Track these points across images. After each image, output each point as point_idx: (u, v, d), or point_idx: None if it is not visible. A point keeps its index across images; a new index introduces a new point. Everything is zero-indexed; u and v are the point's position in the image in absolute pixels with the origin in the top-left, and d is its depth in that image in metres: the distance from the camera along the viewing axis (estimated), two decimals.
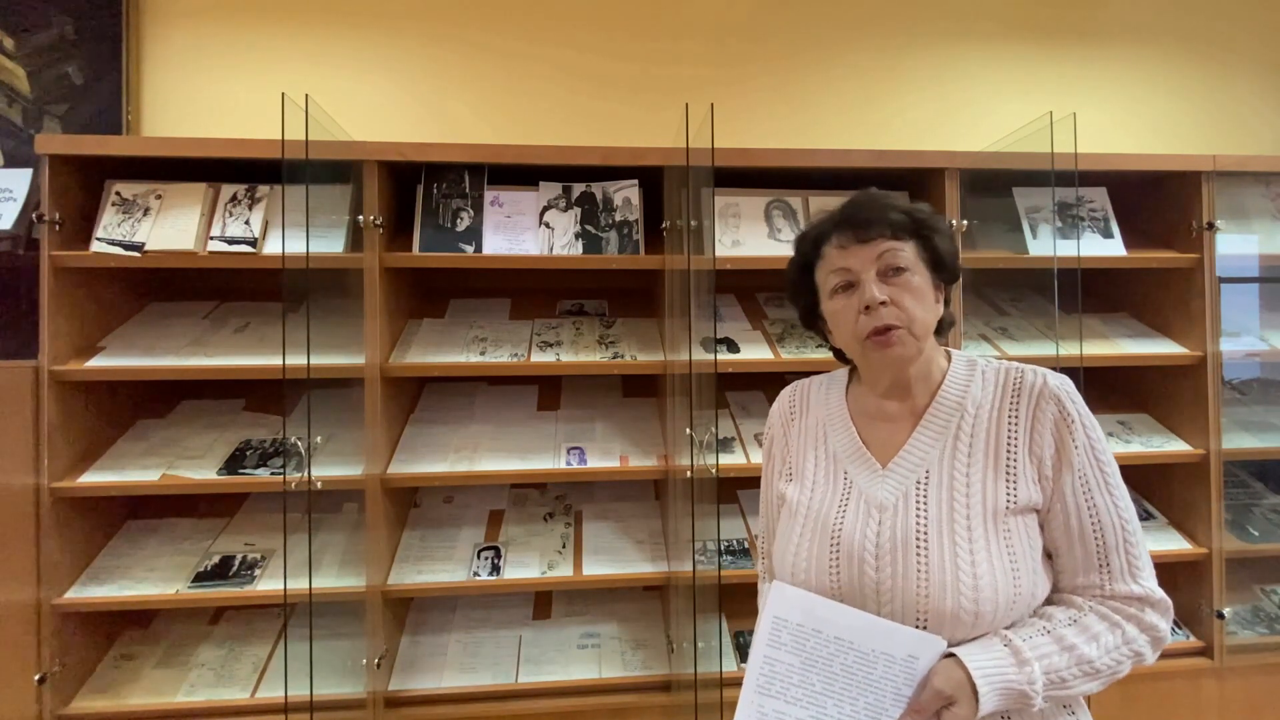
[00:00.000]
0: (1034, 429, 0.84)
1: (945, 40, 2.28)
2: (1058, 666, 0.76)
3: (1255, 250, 1.96)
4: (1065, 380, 0.86)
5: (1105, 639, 0.78)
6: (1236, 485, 2.06)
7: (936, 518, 0.81)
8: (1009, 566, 0.79)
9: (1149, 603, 0.80)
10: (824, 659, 0.78)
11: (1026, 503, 0.82)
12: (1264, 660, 1.86)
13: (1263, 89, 2.40)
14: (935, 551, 0.79)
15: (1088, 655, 0.77)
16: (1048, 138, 1.59)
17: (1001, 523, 0.81)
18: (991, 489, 0.82)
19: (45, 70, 1.92)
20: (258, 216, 1.68)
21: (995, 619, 0.78)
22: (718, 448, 1.75)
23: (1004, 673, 0.74)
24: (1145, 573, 0.81)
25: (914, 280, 0.85)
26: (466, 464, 1.72)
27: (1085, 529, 0.82)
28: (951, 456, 0.85)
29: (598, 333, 1.90)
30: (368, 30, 2.07)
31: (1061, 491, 0.82)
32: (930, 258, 0.88)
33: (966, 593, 0.77)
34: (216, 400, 1.89)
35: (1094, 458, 0.83)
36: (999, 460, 0.83)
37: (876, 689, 0.75)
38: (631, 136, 2.12)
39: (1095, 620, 0.80)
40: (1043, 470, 0.83)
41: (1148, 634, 0.80)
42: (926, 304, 0.86)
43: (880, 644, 0.76)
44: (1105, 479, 0.83)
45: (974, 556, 0.78)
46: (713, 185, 1.51)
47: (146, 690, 1.61)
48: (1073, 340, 1.78)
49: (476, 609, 1.85)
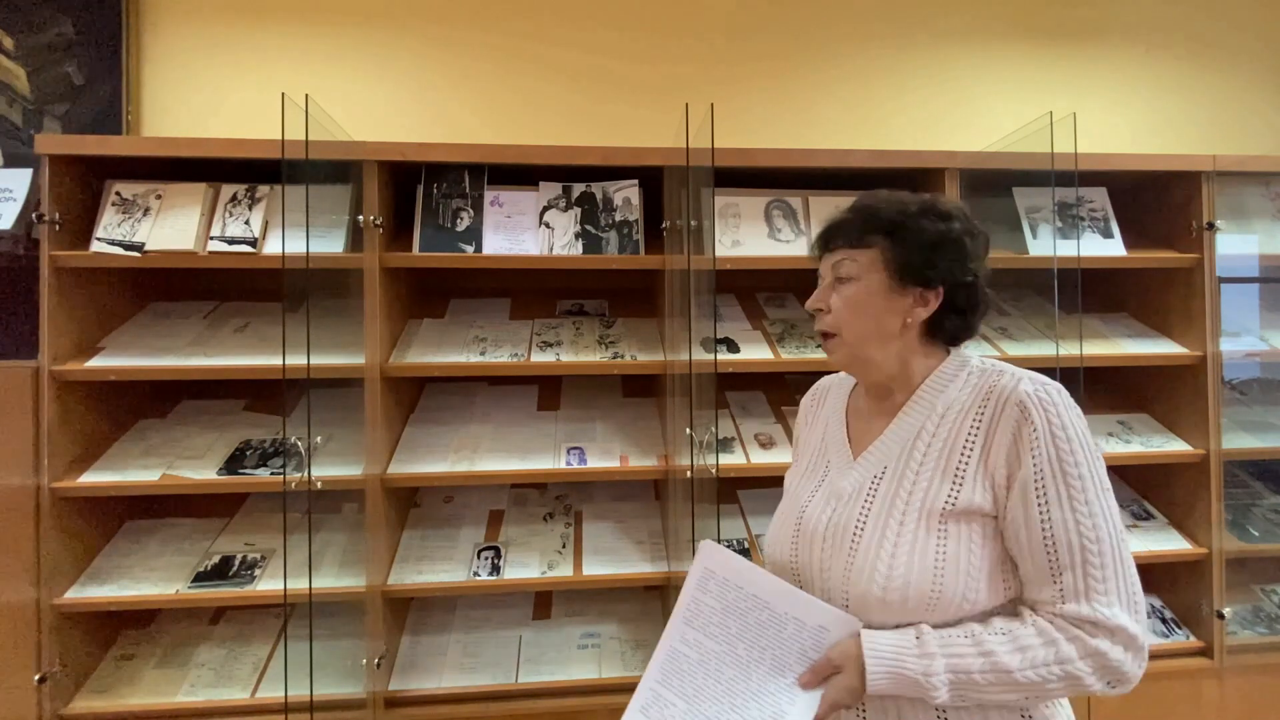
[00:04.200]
0: (994, 434, 0.82)
1: (945, 40, 2.28)
2: (968, 668, 0.77)
3: (1255, 250, 1.96)
4: (1047, 387, 0.82)
5: (1035, 654, 0.76)
6: (1236, 485, 2.06)
7: (878, 510, 0.85)
8: (931, 565, 0.80)
9: (1102, 628, 0.75)
10: (741, 610, 0.87)
11: (968, 506, 0.82)
12: (1264, 660, 1.86)
13: (1263, 89, 2.40)
14: (865, 541, 0.84)
15: (1006, 664, 0.76)
16: (1048, 138, 1.59)
17: (938, 523, 0.82)
18: (935, 489, 0.84)
19: (45, 70, 1.92)
20: (258, 216, 1.68)
21: (909, 612, 0.81)
22: (718, 448, 1.75)
23: (900, 657, 0.78)
24: (1106, 597, 0.76)
25: (856, 289, 0.89)
26: (466, 464, 1.72)
27: (1036, 542, 0.79)
28: (909, 454, 0.87)
29: (598, 333, 1.90)
30: (368, 30, 2.08)
31: (1014, 500, 0.80)
32: (893, 261, 0.88)
33: (880, 581, 0.81)
34: (216, 400, 1.89)
35: (1058, 469, 0.79)
36: (950, 462, 0.84)
37: (784, 646, 0.83)
38: (631, 136, 2.12)
39: (1031, 634, 0.77)
40: (996, 477, 0.82)
41: (1091, 659, 0.75)
42: (867, 312, 0.89)
43: (795, 610, 0.84)
44: (1069, 493, 0.78)
45: (896, 550, 0.82)
46: (713, 185, 1.51)
47: (146, 690, 1.61)
48: (1073, 340, 1.78)
49: (476, 609, 1.85)
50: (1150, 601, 1.99)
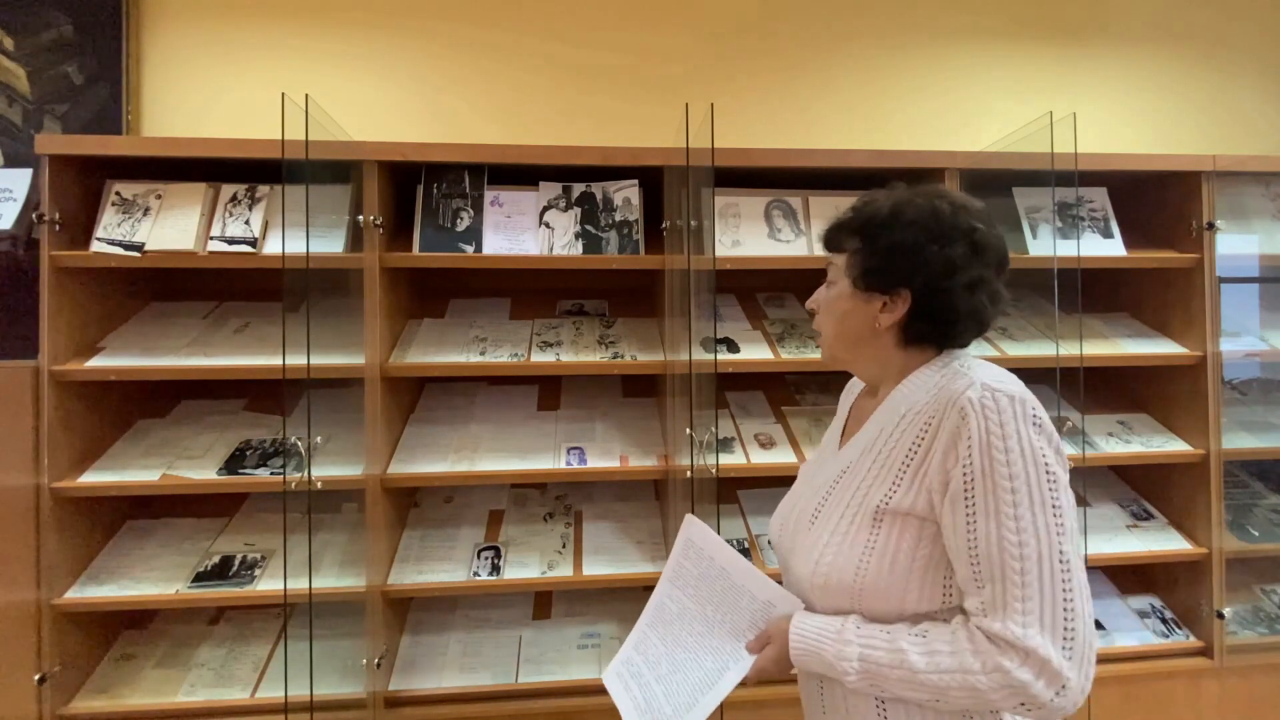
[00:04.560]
0: (936, 438, 0.82)
1: (945, 40, 2.28)
2: (879, 660, 0.80)
3: (1255, 250, 1.96)
4: (996, 394, 0.79)
5: (942, 659, 0.77)
6: (1236, 485, 2.06)
7: (833, 502, 0.91)
8: (857, 559, 0.85)
9: (1014, 648, 0.73)
10: (711, 578, 1.01)
11: (900, 507, 0.83)
12: (1264, 660, 1.86)
13: (1263, 89, 2.40)
14: (814, 529, 0.91)
15: (913, 664, 0.78)
16: (1048, 138, 1.59)
17: (873, 520, 0.85)
18: (875, 488, 0.86)
19: (45, 70, 1.92)
20: (258, 216, 1.68)
21: (835, 598, 0.87)
22: (718, 448, 1.75)
23: (820, 639, 0.85)
24: (1024, 617, 0.74)
25: (828, 292, 0.96)
26: (466, 464, 1.72)
27: (963, 551, 0.78)
28: (868, 452, 0.90)
29: (598, 333, 1.90)
30: (368, 30, 2.08)
31: (946, 508, 0.80)
32: (854, 267, 0.91)
33: (810, 566, 0.89)
34: (216, 400, 1.89)
35: (989, 480, 0.76)
36: (893, 463, 0.86)
37: (739, 614, 0.97)
38: (631, 136, 2.12)
39: (945, 639, 0.78)
40: (933, 482, 0.81)
41: (995, 675, 0.74)
42: (837, 316, 0.94)
43: (750, 585, 0.97)
44: (998, 506, 0.76)
45: (830, 540, 0.88)
46: (713, 185, 1.51)
47: (146, 690, 1.61)
48: (1073, 340, 1.78)
49: (476, 609, 1.85)
50: (1150, 601, 1.99)
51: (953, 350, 0.91)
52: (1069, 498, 0.78)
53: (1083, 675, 0.74)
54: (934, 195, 0.89)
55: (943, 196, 0.89)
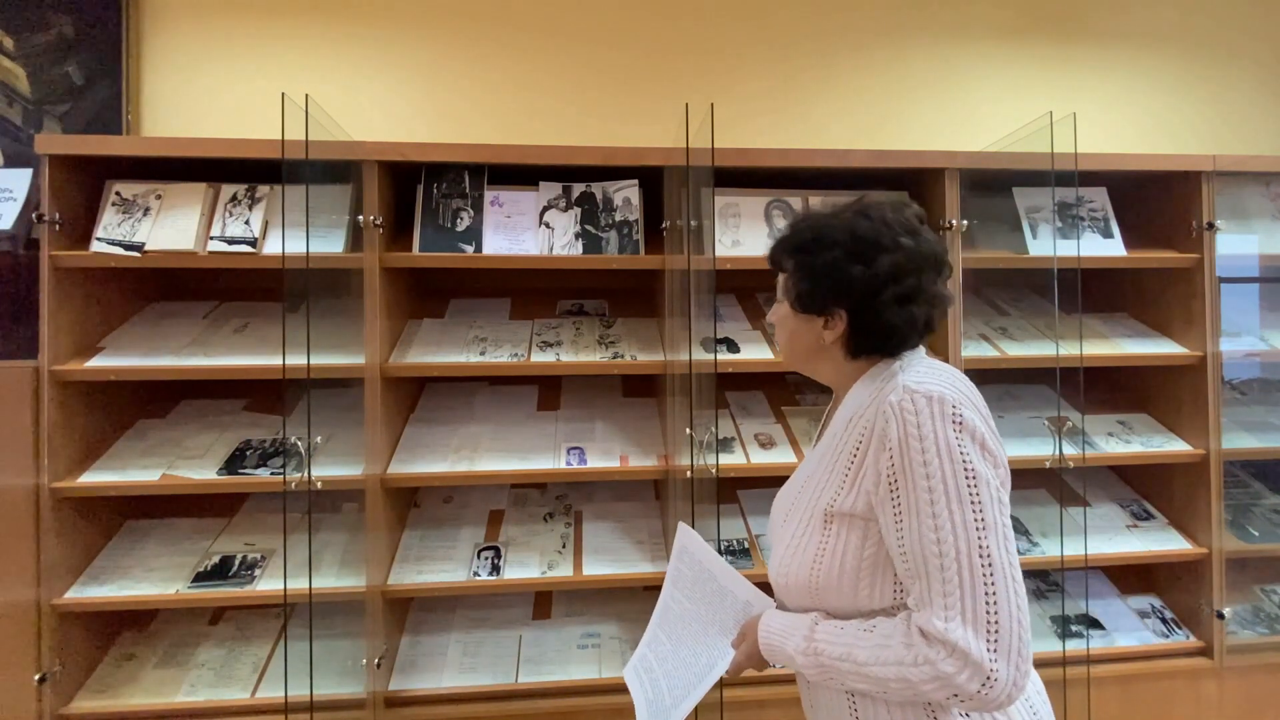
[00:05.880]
0: (869, 441, 0.85)
1: (945, 40, 2.28)
2: (831, 654, 0.84)
3: (1255, 250, 1.96)
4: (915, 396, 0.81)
5: (882, 652, 0.80)
6: (1236, 485, 2.06)
7: (797, 505, 0.95)
8: (810, 559, 0.89)
9: (939, 640, 0.76)
10: (702, 581, 1.09)
11: (844, 509, 0.87)
12: (1264, 660, 1.87)
13: (1263, 89, 2.40)
14: (781, 531, 0.96)
15: (857, 657, 0.82)
16: (1048, 138, 1.59)
17: (824, 521, 0.89)
18: (826, 491, 0.90)
19: (45, 70, 1.92)
20: (258, 216, 1.68)
21: (797, 597, 0.92)
22: (718, 448, 1.75)
23: (783, 635, 0.90)
24: (947, 612, 0.76)
25: (779, 311, 1.00)
26: (466, 464, 1.72)
27: (894, 549, 0.82)
28: (823, 457, 0.94)
29: (598, 333, 1.90)
30: (367, 30, 2.08)
31: (879, 507, 0.84)
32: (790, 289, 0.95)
33: (778, 567, 0.94)
34: (216, 400, 1.89)
35: (910, 479, 0.79)
36: (838, 467, 0.90)
37: (725, 613, 1.05)
38: (631, 136, 2.12)
39: (886, 633, 0.81)
40: (868, 483, 0.85)
41: (924, 668, 0.76)
42: (787, 332, 0.98)
43: (732, 586, 1.05)
44: (918, 504, 0.78)
45: (790, 541, 0.92)
46: (713, 185, 1.51)
47: (146, 690, 1.61)
48: (1073, 340, 1.78)
49: (476, 609, 1.85)
50: (1150, 601, 1.99)
51: (900, 354, 0.92)
52: (992, 493, 0.78)
53: (1011, 667, 0.74)
54: (858, 212, 0.90)
55: (864, 212, 0.90)
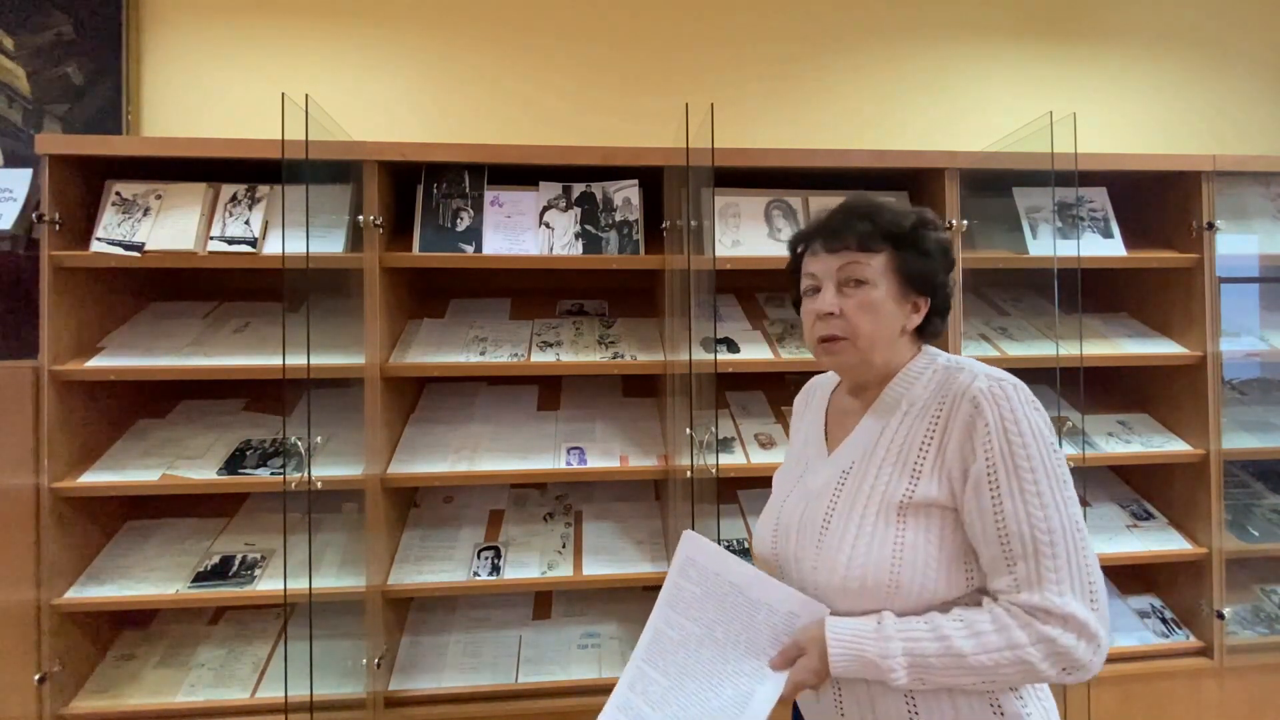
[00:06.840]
0: (949, 429, 0.86)
1: (945, 40, 2.28)
2: (925, 651, 0.80)
3: (1255, 250, 1.96)
4: (1002, 383, 0.84)
5: (988, 639, 0.78)
6: (1236, 485, 2.06)
7: (843, 504, 0.89)
8: (889, 556, 0.84)
9: (1054, 615, 0.77)
10: (719, 595, 0.92)
11: (925, 499, 0.85)
12: (1264, 660, 1.86)
13: (1263, 89, 2.40)
14: (831, 534, 0.88)
15: (960, 649, 0.79)
16: (1048, 138, 1.59)
17: (896, 516, 0.85)
18: (894, 483, 0.87)
19: (45, 70, 1.92)
20: (258, 216, 1.68)
21: (869, 600, 0.84)
22: (718, 448, 1.75)
23: (859, 640, 0.82)
24: (1059, 586, 0.78)
25: (872, 295, 0.90)
26: (466, 464, 1.72)
27: (991, 533, 0.81)
28: (874, 450, 0.91)
29: (598, 333, 1.90)
30: (368, 29, 2.08)
31: (969, 494, 0.83)
32: (903, 270, 0.92)
33: (841, 571, 0.86)
34: (216, 400, 1.89)
35: (1010, 463, 0.81)
36: (908, 456, 0.88)
37: (757, 630, 0.89)
38: (631, 136, 2.12)
39: (986, 620, 0.80)
40: (952, 471, 0.84)
41: (1041, 645, 0.77)
42: (881, 317, 0.91)
43: (767, 597, 0.89)
44: (1021, 485, 0.80)
45: (857, 542, 0.86)
46: (713, 185, 1.51)
47: (146, 690, 1.61)
48: (1073, 340, 1.78)
49: (476, 609, 1.85)
50: (1150, 601, 1.99)
51: (927, 346, 0.97)
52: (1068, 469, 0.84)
53: (1105, 629, 0.79)
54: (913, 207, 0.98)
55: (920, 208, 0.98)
